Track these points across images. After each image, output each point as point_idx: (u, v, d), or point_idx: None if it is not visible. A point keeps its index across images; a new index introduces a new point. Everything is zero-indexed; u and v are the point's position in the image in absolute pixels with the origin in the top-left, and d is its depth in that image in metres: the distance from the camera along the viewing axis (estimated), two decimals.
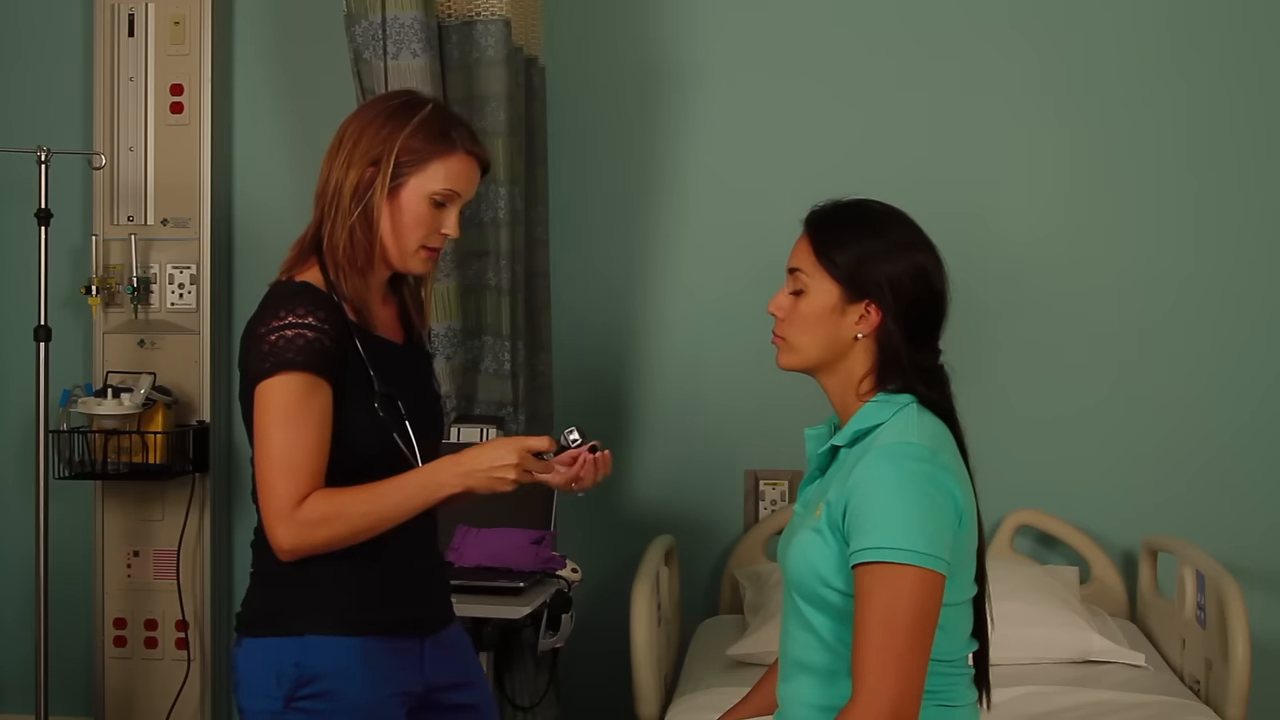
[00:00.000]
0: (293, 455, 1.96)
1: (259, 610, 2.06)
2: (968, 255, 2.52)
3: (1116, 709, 2.65)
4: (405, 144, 2.04)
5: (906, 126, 3.46)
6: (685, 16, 3.52)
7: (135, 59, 3.47)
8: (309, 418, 1.97)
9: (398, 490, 1.99)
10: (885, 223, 1.90)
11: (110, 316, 3.48)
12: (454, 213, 2.08)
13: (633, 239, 3.54)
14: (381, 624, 2.05)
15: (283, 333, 1.99)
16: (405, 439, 2.06)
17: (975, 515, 1.85)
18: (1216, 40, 3.42)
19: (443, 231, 2.08)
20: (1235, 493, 3.41)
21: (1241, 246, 3.42)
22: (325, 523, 1.97)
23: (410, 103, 2.10)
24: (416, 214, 2.06)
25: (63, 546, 3.48)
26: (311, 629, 2.02)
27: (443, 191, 2.06)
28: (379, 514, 1.99)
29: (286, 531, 1.96)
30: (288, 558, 2.00)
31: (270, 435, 1.97)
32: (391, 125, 2.05)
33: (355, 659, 2.02)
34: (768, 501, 3.50)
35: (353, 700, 2.02)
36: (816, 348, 1.89)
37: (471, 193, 2.11)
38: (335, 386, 2.00)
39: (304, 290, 2.04)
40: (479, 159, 2.10)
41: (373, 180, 2.04)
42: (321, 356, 1.98)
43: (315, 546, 1.98)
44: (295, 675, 2.00)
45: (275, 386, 1.97)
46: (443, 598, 2.21)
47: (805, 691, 1.89)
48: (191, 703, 3.48)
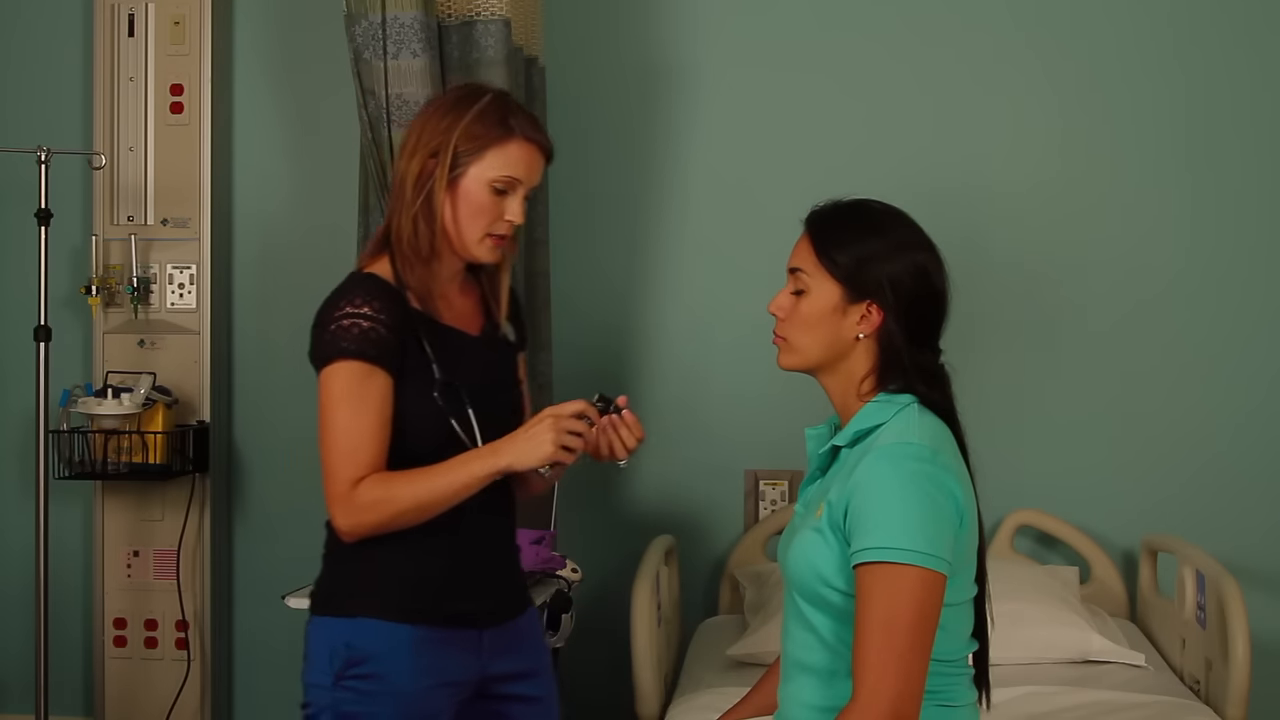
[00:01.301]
0: (349, 440, 2.03)
1: (323, 590, 2.15)
2: (968, 255, 2.53)
3: (1116, 709, 2.65)
4: (463, 133, 2.08)
5: (907, 126, 3.46)
6: (685, 16, 3.52)
7: (135, 59, 3.47)
8: (365, 404, 2.03)
9: (442, 473, 2.04)
10: (886, 222, 1.90)
11: (110, 316, 3.48)
12: (517, 199, 2.11)
13: (633, 239, 3.54)
14: (436, 614, 2.09)
15: (340, 322, 2.05)
16: (466, 426, 2.09)
17: (976, 515, 1.85)
18: (1215, 35, 3.42)
19: (506, 218, 2.11)
20: (1235, 493, 3.41)
21: (1241, 246, 3.42)
22: (376, 505, 2.03)
23: (471, 94, 2.14)
24: (478, 202, 2.09)
25: (63, 546, 3.48)
26: (365, 612, 2.08)
27: (502, 178, 2.09)
28: (425, 496, 2.04)
29: (342, 513, 2.04)
30: (347, 539, 2.07)
31: (328, 421, 2.04)
32: (451, 116, 2.10)
33: (404, 646, 2.07)
34: (768, 501, 3.50)
35: (397, 686, 2.06)
36: (818, 348, 1.89)
37: (534, 179, 2.14)
38: (395, 374, 2.06)
39: (365, 280, 2.10)
40: (540, 145, 2.13)
41: (433, 171, 2.08)
42: (377, 345, 2.04)
43: (370, 528, 2.05)
44: (346, 655, 2.07)
45: (332, 374, 2.04)
46: (511, 589, 2.23)
47: (805, 692, 1.89)
48: (191, 703, 3.48)
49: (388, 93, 2.84)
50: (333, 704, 2.07)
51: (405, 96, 2.84)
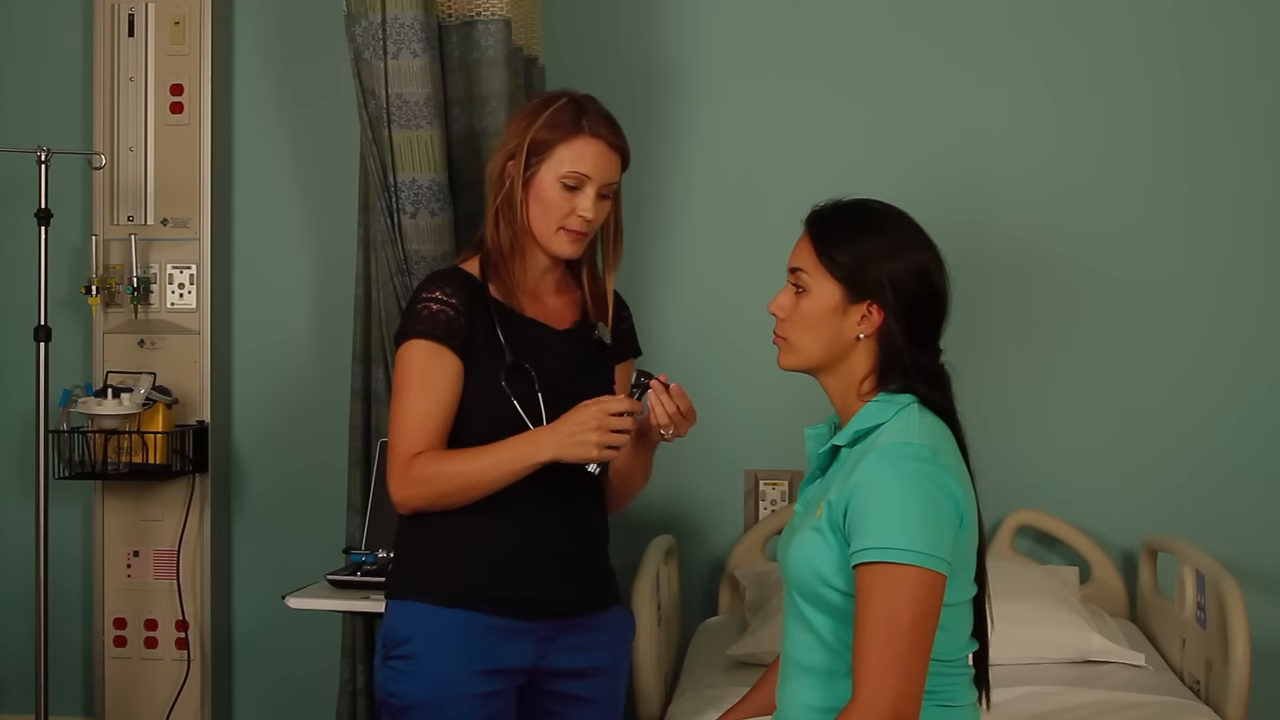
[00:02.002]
0: (412, 415, 2.13)
1: (389, 574, 2.29)
2: (968, 255, 2.52)
3: (1116, 709, 2.65)
4: (536, 134, 2.18)
5: (908, 126, 3.46)
6: (685, 16, 3.52)
7: (135, 59, 3.47)
8: (428, 381, 2.13)
9: (489, 454, 2.11)
10: (887, 222, 1.91)
11: (110, 316, 3.48)
12: (588, 195, 2.19)
13: (633, 238, 3.49)
14: (481, 601, 2.14)
15: (414, 307, 2.17)
16: (533, 412, 2.14)
17: (976, 515, 1.85)
18: (1218, 36, 3.41)
19: (579, 213, 2.18)
20: (1235, 492, 3.41)
21: (1240, 246, 3.42)
22: (426, 480, 2.12)
23: (550, 98, 2.25)
24: (550, 198, 2.18)
25: (63, 546, 3.48)
26: (411, 595, 2.17)
27: (570, 174, 2.18)
28: (472, 476, 2.11)
29: (396, 486, 2.15)
30: (403, 511, 2.18)
31: (397, 397, 2.16)
32: (528, 119, 2.21)
33: (443, 630, 2.13)
34: (768, 501, 3.50)
35: (431, 669, 2.12)
36: (818, 348, 1.89)
37: (605, 176, 2.21)
38: (463, 356, 2.15)
39: (446, 271, 2.26)
40: (609, 143, 2.22)
41: (512, 171, 2.19)
42: (443, 325, 2.14)
43: (422, 501, 2.14)
44: (393, 635, 2.16)
45: (402, 354, 2.17)
46: (584, 583, 2.25)
47: (805, 692, 1.89)
48: (191, 703, 3.47)
49: (388, 93, 2.84)
50: (382, 682, 2.17)
51: (405, 96, 2.84)
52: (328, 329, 3.52)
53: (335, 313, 3.46)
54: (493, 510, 2.14)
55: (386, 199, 2.90)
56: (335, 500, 3.29)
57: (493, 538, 2.16)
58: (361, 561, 2.97)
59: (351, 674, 3.17)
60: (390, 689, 2.16)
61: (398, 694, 2.15)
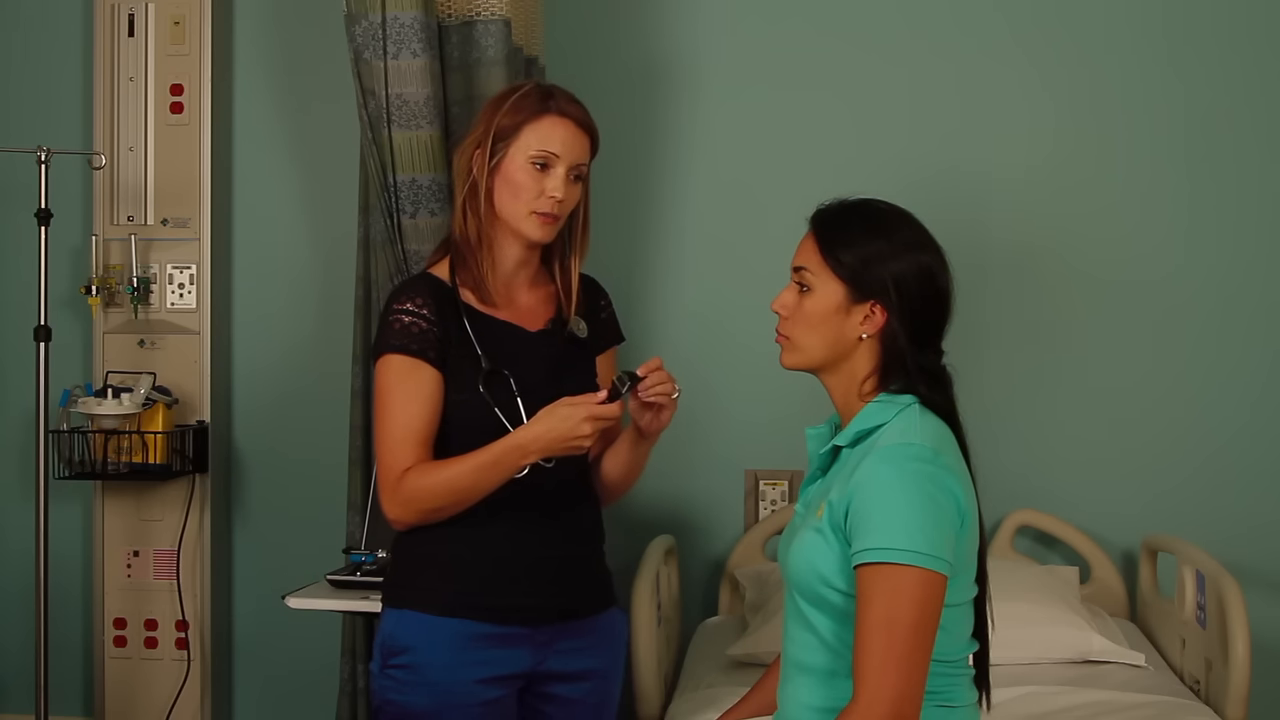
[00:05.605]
0: (395, 432, 2.11)
1: (385, 581, 2.27)
2: (967, 255, 2.52)
3: (1116, 709, 2.65)
4: (501, 120, 2.17)
5: (909, 126, 3.46)
6: (685, 17, 3.52)
7: (135, 59, 3.47)
8: (407, 395, 2.12)
9: (473, 460, 2.09)
10: (891, 222, 1.90)
11: (110, 316, 3.48)
12: (558, 175, 2.16)
13: (633, 238, 3.54)
14: (479, 609, 2.14)
15: (386, 320, 2.16)
16: (514, 418, 2.12)
17: (977, 516, 1.85)
18: (1214, 35, 3.41)
19: (549, 194, 2.16)
20: (1235, 492, 3.41)
21: (1239, 246, 3.42)
22: (417, 498, 2.10)
23: (515, 86, 2.24)
24: (519, 181, 2.16)
25: (63, 546, 3.48)
26: (409, 604, 2.16)
27: (539, 153, 2.15)
28: (459, 483, 2.09)
29: (389, 505, 2.13)
30: (398, 528, 2.17)
31: (378, 414, 2.15)
32: (494, 107, 2.20)
33: (441, 638, 2.12)
34: (768, 501, 3.50)
35: (430, 677, 2.12)
36: (821, 347, 1.89)
37: (574, 155, 2.18)
38: (440, 366, 2.13)
39: (415, 280, 2.23)
40: (577, 121, 2.19)
41: (479, 160, 2.18)
42: (417, 338, 2.12)
43: (417, 516, 2.13)
44: (391, 644, 2.15)
45: (378, 369, 2.15)
46: (581, 587, 2.24)
47: (805, 692, 1.89)
48: (191, 703, 3.47)
49: (388, 93, 2.84)
50: (380, 690, 2.16)
51: (405, 96, 2.84)
52: (328, 329, 3.52)
53: (335, 313, 3.46)
54: (488, 517, 2.14)
55: (386, 199, 2.90)
56: (335, 500, 3.29)
57: (488, 545, 2.15)
58: (361, 561, 2.97)
59: (351, 674, 3.17)
60: (389, 697, 2.15)
61: (397, 703, 2.14)
